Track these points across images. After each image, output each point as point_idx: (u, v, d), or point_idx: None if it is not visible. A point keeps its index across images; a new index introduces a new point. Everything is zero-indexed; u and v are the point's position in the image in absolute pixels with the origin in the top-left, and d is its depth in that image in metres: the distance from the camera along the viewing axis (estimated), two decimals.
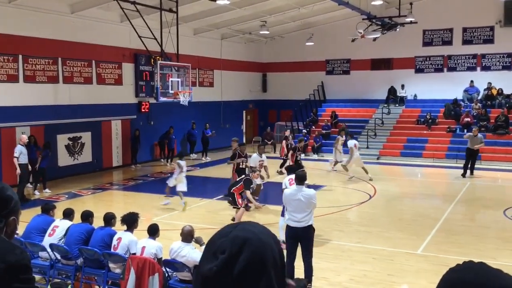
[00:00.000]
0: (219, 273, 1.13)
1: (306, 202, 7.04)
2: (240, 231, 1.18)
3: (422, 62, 24.99)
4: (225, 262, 1.13)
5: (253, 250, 1.15)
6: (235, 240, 1.16)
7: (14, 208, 1.89)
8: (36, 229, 7.59)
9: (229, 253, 1.14)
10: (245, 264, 1.13)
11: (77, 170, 17.10)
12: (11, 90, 14.97)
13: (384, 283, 7.49)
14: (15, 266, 1.69)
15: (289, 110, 25.34)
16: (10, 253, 1.70)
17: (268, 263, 1.15)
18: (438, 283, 1.23)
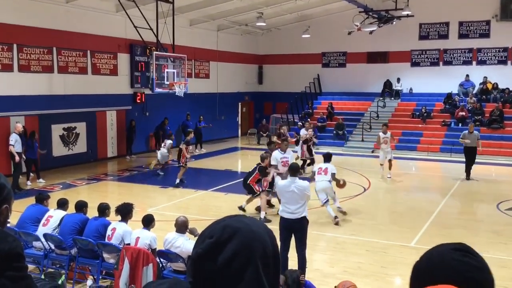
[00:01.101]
0: (205, 257, 1.14)
1: (299, 194, 7.06)
2: (233, 221, 1.19)
3: (418, 55, 25.00)
4: (210, 246, 1.14)
5: (242, 240, 1.15)
6: (226, 229, 1.17)
7: (7, 196, 1.88)
8: (30, 218, 7.58)
9: (216, 239, 1.15)
10: (232, 252, 1.13)
11: (72, 160, 17.05)
12: (5, 80, 14.87)
13: (377, 275, 7.53)
14: (8, 254, 1.67)
15: (285, 103, 25.32)
16: (2, 241, 1.68)
17: (256, 255, 1.15)
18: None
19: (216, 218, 1.28)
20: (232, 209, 11.63)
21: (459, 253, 1.27)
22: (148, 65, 17.46)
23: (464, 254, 1.27)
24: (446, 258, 1.27)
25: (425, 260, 1.30)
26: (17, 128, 13.56)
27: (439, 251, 1.30)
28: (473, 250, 1.30)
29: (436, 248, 1.32)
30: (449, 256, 1.27)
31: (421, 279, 1.27)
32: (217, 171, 17.14)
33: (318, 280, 6.87)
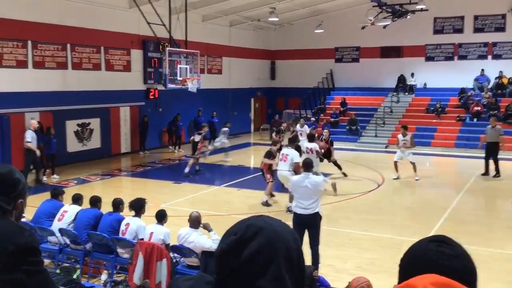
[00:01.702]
0: (228, 253, 1.18)
1: (312, 189, 7.05)
2: (257, 221, 1.22)
3: (432, 50, 24.74)
4: (234, 243, 1.18)
5: (265, 239, 1.18)
6: (250, 227, 1.20)
7: (22, 191, 1.91)
8: (45, 213, 7.66)
9: (240, 236, 1.18)
10: (255, 250, 1.16)
11: (86, 156, 17.18)
12: (20, 76, 15.02)
13: (391, 271, 7.46)
14: (24, 248, 1.70)
15: (298, 98, 25.25)
16: (19, 235, 1.71)
17: (279, 254, 1.18)
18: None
19: (229, 214, 1.29)
20: (244, 204, 11.65)
21: (434, 244, 1.32)
22: (161, 61, 17.52)
23: (438, 244, 1.31)
24: (422, 249, 1.33)
25: (406, 253, 1.37)
26: (32, 124, 13.66)
27: (418, 244, 1.36)
28: (449, 240, 1.34)
29: (415, 243, 1.38)
30: (425, 247, 1.32)
31: (404, 272, 1.32)
32: (229, 167, 17.16)
33: (331, 276, 6.85)
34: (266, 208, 11.11)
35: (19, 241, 1.69)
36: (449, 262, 1.28)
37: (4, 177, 1.87)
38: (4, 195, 1.84)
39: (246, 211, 10.85)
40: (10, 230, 1.72)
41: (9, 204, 1.85)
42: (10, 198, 1.86)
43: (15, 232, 1.72)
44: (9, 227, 1.74)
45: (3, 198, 1.84)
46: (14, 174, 1.91)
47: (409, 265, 1.33)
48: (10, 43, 14.69)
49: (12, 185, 1.88)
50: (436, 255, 1.29)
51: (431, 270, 1.24)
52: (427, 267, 1.26)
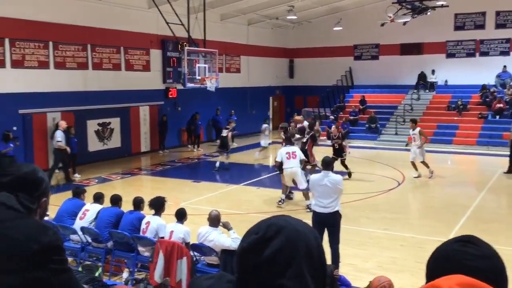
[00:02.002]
0: (249, 251, 1.18)
1: (332, 188, 7.01)
2: (279, 220, 1.23)
3: (453, 46, 24.39)
4: (255, 242, 1.18)
5: (287, 238, 1.18)
6: (271, 226, 1.20)
7: (45, 190, 1.94)
8: (67, 212, 7.75)
9: (261, 235, 1.19)
10: (276, 248, 1.17)
11: (107, 155, 17.37)
12: (42, 76, 15.24)
13: (413, 270, 7.40)
14: (49, 247, 1.70)
15: (316, 96, 25.13)
16: (43, 234, 1.71)
17: (300, 254, 1.18)
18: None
19: (247, 212, 1.30)
20: (263, 203, 11.64)
21: (459, 244, 1.31)
22: (180, 61, 17.61)
23: (464, 244, 1.30)
24: (448, 249, 1.32)
25: (433, 253, 1.36)
26: (61, 125, 14.09)
27: (444, 244, 1.36)
28: (476, 240, 1.32)
29: (444, 242, 1.37)
30: (451, 247, 1.32)
31: (430, 273, 1.32)
32: (248, 166, 17.18)
33: (351, 275, 6.80)
34: (285, 207, 11.08)
35: (44, 240, 1.69)
36: (473, 262, 1.26)
37: (28, 176, 1.89)
38: (28, 194, 1.86)
39: (265, 209, 10.84)
40: (35, 229, 1.73)
41: (33, 203, 1.87)
42: (34, 197, 1.88)
43: (39, 231, 1.72)
44: (34, 226, 1.75)
45: (28, 197, 1.86)
46: (38, 173, 1.94)
47: (435, 265, 1.33)
48: (32, 44, 14.92)
49: (36, 184, 1.90)
50: (460, 255, 1.29)
51: (456, 271, 1.22)
52: (452, 267, 1.26)
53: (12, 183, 1.85)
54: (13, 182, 1.85)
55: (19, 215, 1.78)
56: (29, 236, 1.69)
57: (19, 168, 1.92)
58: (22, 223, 1.74)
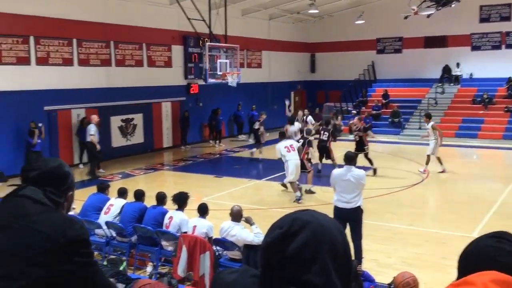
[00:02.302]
0: (273, 246, 1.17)
1: (355, 183, 6.96)
2: (303, 215, 1.22)
3: (478, 39, 23.92)
4: (280, 236, 1.17)
5: (312, 233, 1.17)
6: (296, 221, 1.19)
7: (71, 183, 1.97)
8: (92, 207, 7.87)
9: (286, 229, 1.17)
10: (301, 243, 1.16)
11: (130, 151, 17.56)
12: (66, 73, 15.47)
13: (437, 266, 7.31)
14: (75, 241, 1.73)
15: (338, 91, 24.95)
16: (69, 228, 1.74)
17: (325, 248, 1.17)
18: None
19: (270, 207, 1.29)
20: (285, 198, 11.63)
21: (493, 239, 1.28)
22: (201, 56, 17.69)
23: (498, 240, 1.28)
24: (481, 245, 1.30)
25: (465, 249, 1.34)
26: (94, 119, 14.32)
27: (477, 239, 1.33)
28: (509, 236, 1.30)
29: (475, 238, 1.35)
30: (484, 242, 1.30)
31: (463, 268, 1.30)
32: (270, 161, 17.11)
33: (375, 271, 6.75)
34: (306, 202, 11.05)
35: (71, 233, 1.72)
36: (507, 259, 1.24)
37: (55, 170, 1.92)
38: (55, 188, 1.89)
39: (288, 205, 10.82)
40: (62, 223, 1.76)
41: (60, 197, 1.91)
42: (61, 190, 1.91)
43: (66, 225, 1.75)
44: (61, 220, 1.78)
45: (55, 191, 1.89)
46: (64, 167, 1.97)
47: (468, 261, 1.30)
48: (56, 41, 15.14)
49: (62, 178, 1.93)
50: (494, 251, 1.26)
51: (490, 267, 1.20)
52: (485, 263, 1.23)
53: (39, 178, 1.88)
54: (40, 177, 1.88)
55: (46, 209, 1.80)
56: (56, 230, 1.71)
57: (46, 162, 1.94)
58: (49, 217, 1.76)
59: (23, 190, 1.84)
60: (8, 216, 1.77)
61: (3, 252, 1.69)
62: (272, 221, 1.31)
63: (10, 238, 1.71)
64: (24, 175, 1.91)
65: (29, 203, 1.79)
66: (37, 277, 1.66)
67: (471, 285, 1.15)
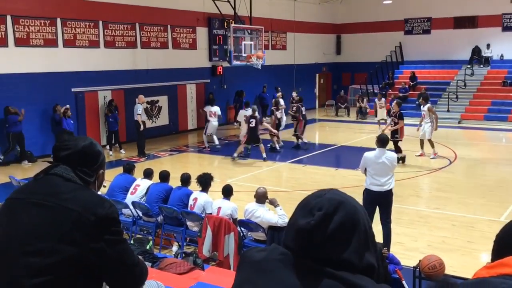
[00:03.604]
0: (315, 228, 1.21)
1: (390, 165, 6.86)
2: (335, 195, 1.26)
3: (510, 19, 23.21)
4: (322, 218, 1.21)
5: (347, 212, 1.22)
6: (331, 201, 1.23)
7: (102, 162, 2.00)
8: (119, 187, 7.98)
9: (325, 211, 1.21)
10: (339, 223, 1.20)
11: (155, 132, 17.70)
12: (93, 56, 15.62)
13: (464, 250, 7.22)
14: (106, 219, 1.76)
15: (364, 73, 24.60)
16: (99, 206, 1.77)
17: (360, 227, 1.23)
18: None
19: (294, 190, 1.28)
20: (310, 180, 11.60)
21: None
22: (226, 38, 17.60)
23: None
24: None
25: (505, 228, 1.32)
26: (141, 99, 14.45)
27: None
28: None
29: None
30: None
31: (500, 249, 1.28)
32: (294, 143, 17.09)
33: (400, 254, 6.67)
34: (332, 183, 10.99)
35: (101, 211, 1.75)
36: None
37: (86, 149, 1.94)
38: (86, 167, 1.92)
39: (311, 187, 10.79)
40: (93, 201, 1.79)
41: (91, 176, 1.94)
42: (92, 169, 1.94)
43: (97, 203, 1.78)
44: (92, 198, 1.81)
45: (86, 170, 1.91)
46: (95, 146, 1.99)
47: (510, 241, 1.27)
48: (82, 23, 15.27)
49: (93, 157, 1.95)
50: None
51: None
52: None
53: (71, 157, 1.90)
54: (71, 156, 1.90)
55: (77, 187, 1.83)
56: (86, 208, 1.74)
57: (77, 142, 1.96)
58: (80, 195, 1.79)
59: (55, 168, 1.86)
60: (40, 193, 1.80)
61: (36, 229, 1.73)
62: (296, 203, 1.30)
63: (42, 215, 1.75)
64: (56, 154, 1.93)
65: (61, 181, 1.82)
66: (68, 255, 1.69)
67: (508, 267, 1.12)
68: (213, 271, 5.21)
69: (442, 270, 5.05)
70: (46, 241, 1.70)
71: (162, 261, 4.71)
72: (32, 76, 14.03)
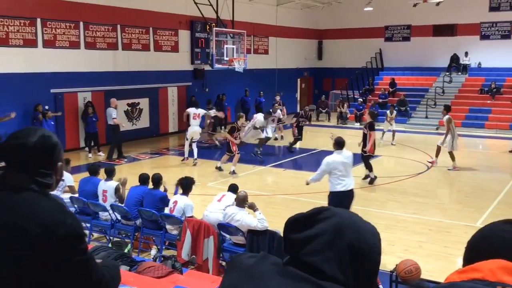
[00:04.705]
0: (300, 222, 1.23)
1: (350, 164, 7.43)
2: (341, 211, 1.27)
3: (488, 28, 23.68)
4: (310, 214, 1.23)
5: (337, 223, 1.22)
6: (328, 210, 1.25)
7: (59, 154, 1.80)
8: (88, 194, 7.85)
9: (315, 212, 1.24)
10: (323, 229, 1.20)
11: (136, 135, 17.60)
12: (73, 56, 15.47)
13: (440, 254, 7.33)
14: (67, 238, 1.60)
15: (345, 79, 24.84)
16: (61, 224, 1.61)
17: (344, 243, 1.19)
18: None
19: (274, 194, 1.30)
20: (290, 185, 11.65)
21: (509, 225, 1.29)
22: (208, 42, 17.61)
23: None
24: (497, 230, 1.30)
25: (477, 234, 1.34)
26: (113, 102, 14.29)
27: (490, 226, 1.33)
28: None
29: (487, 225, 1.35)
30: (500, 228, 1.30)
31: (472, 254, 1.29)
32: (275, 147, 17.17)
33: None
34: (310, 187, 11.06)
35: (62, 231, 1.60)
36: None
37: (39, 145, 1.73)
38: (43, 167, 1.73)
39: (292, 191, 10.85)
40: (53, 219, 1.62)
41: (50, 176, 1.75)
42: (49, 167, 1.76)
43: (57, 220, 1.62)
44: (52, 215, 1.64)
45: (43, 171, 1.73)
46: (49, 138, 1.78)
47: (481, 246, 1.29)
48: (63, 24, 15.12)
49: (49, 152, 1.76)
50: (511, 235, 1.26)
51: (507, 251, 1.21)
52: (502, 248, 1.23)
53: (22, 159, 1.70)
54: (23, 157, 1.70)
55: (35, 199, 1.66)
56: (46, 228, 1.59)
57: (26, 139, 1.73)
58: (38, 212, 1.63)
59: (6, 178, 1.68)
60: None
61: None
62: (276, 207, 1.34)
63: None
64: (3, 158, 1.71)
65: (15, 195, 1.65)
66: (28, 281, 1.57)
67: (478, 271, 1.15)
68: (192, 275, 5.21)
69: (418, 274, 5.13)
70: (1, 264, 1.55)
71: (140, 265, 4.69)
72: (11, 76, 13.83)
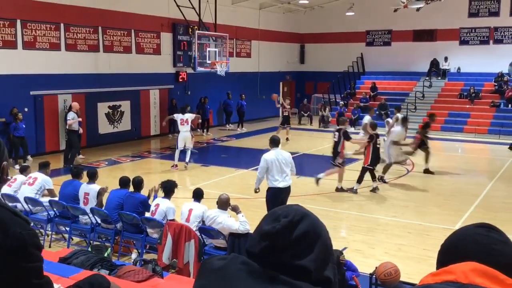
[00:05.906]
0: (280, 232, 1.23)
1: (286, 163, 7.86)
2: (300, 208, 1.31)
3: (467, 33, 24.08)
4: (287, 224, 1.24)
5: (312, 223, 1.26)
6: (297, 211, 1.27)
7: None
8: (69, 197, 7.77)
9: (291, 218, 1.25)
10: (303, 231, 1.24)
11: (117, 138, 17.47)
12: (53, 58, 15.30)
13: (419, 257, 7.42)
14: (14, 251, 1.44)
15: (327, 82, 25.00)
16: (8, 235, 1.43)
17: (322, 239, 1.26)
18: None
19: (256, 197, 1.30)
20: None
21: (483, 229, 1.31)
22: (191, 44, 17.59)
23: (488, 230, 1.31)
24: (470, 233, 1.31)
25: (450, 238, 1.36)
26: (74, 106, 13.82)
27: (463, 229, 1.35)
28: (496, 227, 1.35)
29: (460, 228, 1.38)
30: (473, 231, 1.32)
31: (446, 257, 1.31)
32: (257, 150, 17.12)
33: (358, 261, 6.81)
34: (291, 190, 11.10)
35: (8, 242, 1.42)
36: (499, 247, 1.27)
37: None
38: None
39: None
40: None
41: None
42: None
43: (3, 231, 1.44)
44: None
45: None
46: None
47: (455, 249, 1.31)
48: (43, 25, 14.95)
49: None
50: (487, 239, 1.28)
51: (480, 254, 1.23)
52: (476, 251, 1.25)
53: None
54: None
55: None
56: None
57: None
58: None
59: None
60: None
61: None
62: (258, 211, 1.35)
63: None
64: None
65: None
66: None
67: (451, 274, 1.17)
68: (172, 279, 5.18)
69: (397, 277, 5.19)
70: None
71: (120, 269, 4.65)
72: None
